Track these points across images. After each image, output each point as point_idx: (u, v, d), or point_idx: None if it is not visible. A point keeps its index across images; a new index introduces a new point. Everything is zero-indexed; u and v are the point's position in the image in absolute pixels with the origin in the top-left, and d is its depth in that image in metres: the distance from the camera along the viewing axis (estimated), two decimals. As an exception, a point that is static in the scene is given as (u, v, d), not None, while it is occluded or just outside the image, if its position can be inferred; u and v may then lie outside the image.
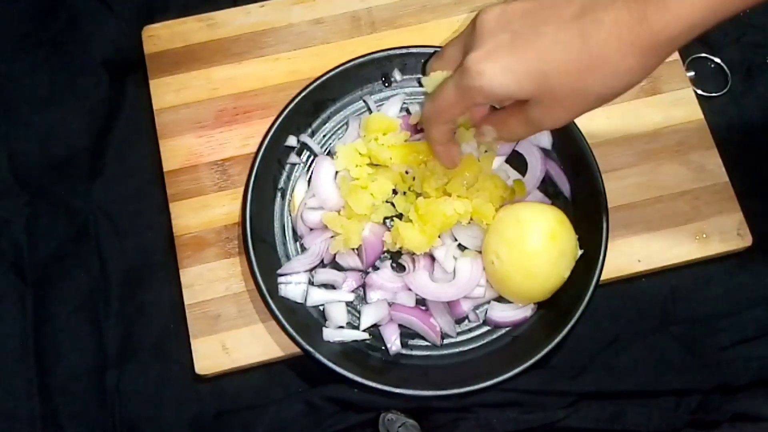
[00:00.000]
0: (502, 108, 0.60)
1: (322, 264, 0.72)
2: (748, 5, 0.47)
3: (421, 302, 0.71)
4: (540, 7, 0.51)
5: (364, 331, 0.70)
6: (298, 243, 0.73)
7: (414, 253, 0.70)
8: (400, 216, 0.72)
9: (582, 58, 0.49)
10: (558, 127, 0.56)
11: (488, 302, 0.72)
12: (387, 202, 0.72)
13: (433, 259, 0.71)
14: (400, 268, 0.72)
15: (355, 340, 0.70)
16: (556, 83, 0.50)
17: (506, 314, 0.71)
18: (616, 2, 0.48)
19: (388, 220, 0.73)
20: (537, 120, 0.54)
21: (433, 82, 0.64)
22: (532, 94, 0.52)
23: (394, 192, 0.73)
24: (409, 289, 0.70)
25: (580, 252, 0.69)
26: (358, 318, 0.70)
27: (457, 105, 0.56)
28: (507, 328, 0.71)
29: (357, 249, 0.71)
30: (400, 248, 0.70)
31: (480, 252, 0.70)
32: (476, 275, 0.70)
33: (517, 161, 0.75)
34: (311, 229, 0.73)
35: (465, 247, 0.72)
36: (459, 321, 0.71)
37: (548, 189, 0.75)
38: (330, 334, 0.69)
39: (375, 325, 0.70)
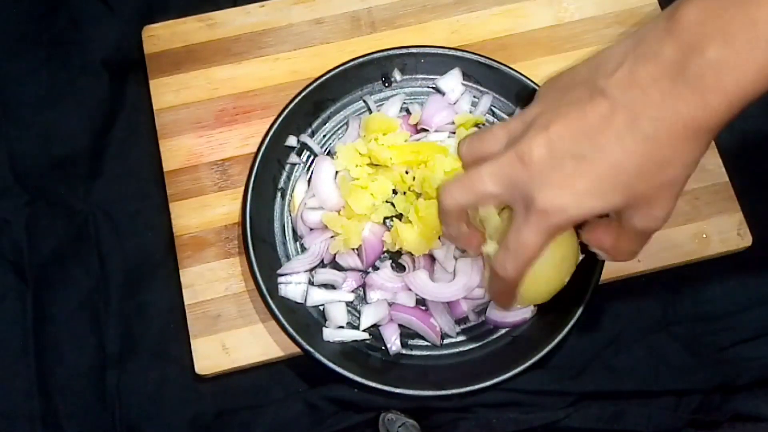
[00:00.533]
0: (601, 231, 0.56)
1: (322, 264, 0.72)
2: None
3: (421, 302, 0.71)
4: (586, 126, 0.48)
5: (364, 331, 0.70)
6: (298, 243, 0.73)
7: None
8: (400, 216, 0.72)
9: (655, 157, 0.47)
10: (661, 225, 0.53)
11: (488, 303, 0.72)
12: (387, 202, 0.72)
13: (433, 259, 0.71)
14: (400, 268, 0.72)
15: (355, 340, 0.70)
16: (641, 186, 0.49)
17: (506, 314, 0.70)
18: (667, 98, 0.46)
19: (387, 220, 0.73)
20: (643, 226, 0.52)
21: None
22: (622, 203, 0.49)
23: (394, 192, 0.73)
24: (409, 289, 0.70)
25: (581, 257, 0.69)
26: (358, 318, 0.70)
27: (543, 243, 0.52)
28: (507, 329, 0.71)
29: (357, 249, 0.71)
30: (400, 248, 0.70)
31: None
32: (476, 276, 0.70)
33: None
34: (311, 229, 0.73)
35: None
36: (459, 321, 0.71)
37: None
38: (330, 334, 0.69)
39: (375, 325, 0.70)
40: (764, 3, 0.43)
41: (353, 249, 0.71)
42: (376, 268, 0.72)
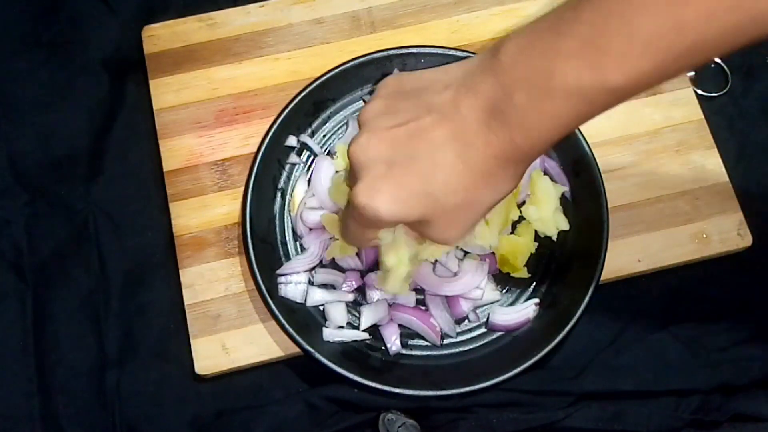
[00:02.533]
0: None
1: (321, 264, 0.72)
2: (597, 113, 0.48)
3: (421, 302, 0.71)
4: (406, 131, 0.50)
5: (364, 331, 0.70)
6: (298, 243, 0.73)
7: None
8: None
9: (466, 177, 0.49)
10: (454, 243, 0.55)
11: (488, 304, 0.72)
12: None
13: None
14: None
15: (355, 340, 0.70)
16: (446, 202, 0.50)
17: (508, 317, 0.70)
18: (482, 127, 0.48)
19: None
20: (435, 237, 0.53)
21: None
22: (424, 215, 0.51)
23: None
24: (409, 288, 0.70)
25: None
26: (358, 318, 0.70)
27: (366, 232, 0.56)
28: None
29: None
30: None
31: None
32: (479, 277, 0.70)
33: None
34: (310, 229, 0.73)
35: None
36: (459, 321, 0.72)
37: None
38: (330, 334, 0.69)
39: (375, 325, 0.70)
40: (562, 57, 0.44)
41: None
42: (376, 268, 0.72)
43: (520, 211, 0.72)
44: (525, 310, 0.71)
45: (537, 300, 0.71)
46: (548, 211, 0.72)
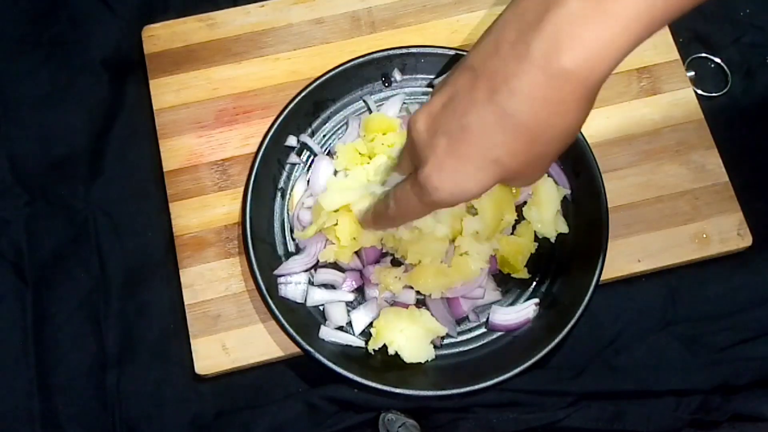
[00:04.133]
0: None
1: (321, 264, 0.72)
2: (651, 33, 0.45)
3: (421, 302, 0.71)
4: (452, 98, 0.48)
5: (360, 335, 0.70)
6: (297, 243, 0.73)
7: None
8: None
9: (521, 133, 0.45)
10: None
11: (488, 304, 0.72)
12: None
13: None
14: (398, 264, 0.72)
15: (350, 345, 0.70)
16: (512, 163, 0.47)
17: (509, 317, 0.70)
18: (520, 67, 0.44)
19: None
20: (520, 186, 0.52)
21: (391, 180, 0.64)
22: (497, 181, 0.49)
23: None
24: (410, 287, 0.70)
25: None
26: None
27: (423, 213, 0.55)
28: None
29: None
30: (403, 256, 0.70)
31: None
32: (480, 279, 0.70)
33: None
34: (309, 229, 0.73)
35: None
36: (459, 321, 0.71)
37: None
38: (326, 333, 0.69)
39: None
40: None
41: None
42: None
43: (522, 212, 0.72)
44: (525, 310, 0.71)
45: (537, 300, 0.71)
46: (549, 213, 0.72)
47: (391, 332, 0.68)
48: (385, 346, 0.69)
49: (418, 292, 0.70)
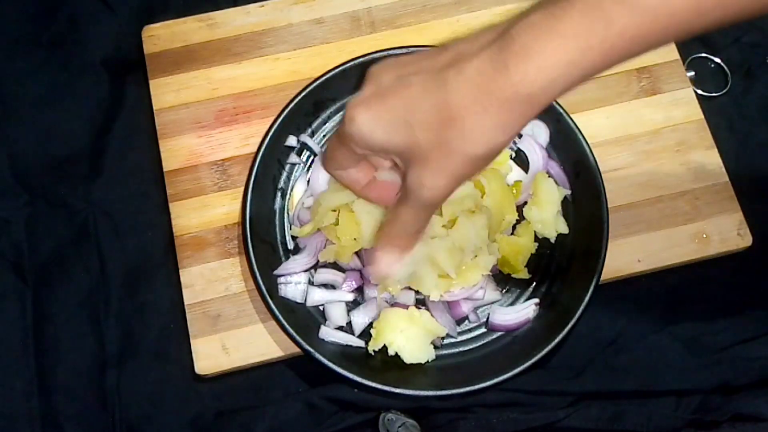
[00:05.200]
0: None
1: (321, 264, 0.72)
2: (612, 64, 0.46)
3: (421, 303, 0.71)
4: (419, 58, 0.51)
5: (360, 336, 0.70)
6: (297, 243, 0.73)
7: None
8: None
9: (442, 110, 0.47)
10: (436, 199, 0.52)
11: (488, 304, 0.72)
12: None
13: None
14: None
15: (350, 345, 0.70)
16: (420, 137, 0.49)
17: (509, 317, 0.70)
18: (481, 52, 0.46)
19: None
20: (415, 189, 0.51)
21: None
22: (400, 147, 0.50)
23: None
24: (410, 288, 0.70)
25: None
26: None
27: (341, 150, 0.55)
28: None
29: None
30: None
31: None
32: (481, 281, 0.70)
33: (518, 158, 0.75)
34: (309, 229, 0.73)
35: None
36: (459, 321, 0.71)
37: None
38: (326, 333, 0.69)
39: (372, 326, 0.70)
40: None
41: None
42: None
43: (522, 212, 0.72)
44: (525, 310, 0.71)
45: (537, 300, 0.71)
46: (550, 213, 0.72)
47: (391, 333, 0.68)
48: (385, 347, 0.68)
49: (417, 292, 0.70)
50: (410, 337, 0.68)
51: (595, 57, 0.45)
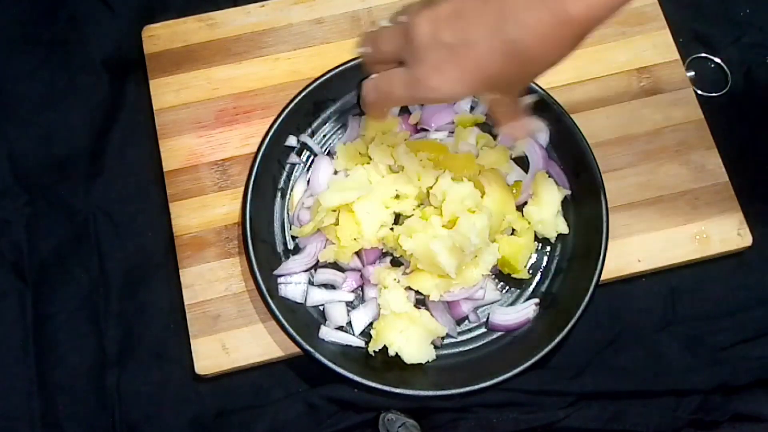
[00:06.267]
0: None
1: (321, 264, 0.72)
2: None
3: (421, 302, 0.71)
4: (460, 12, 0.53)
5: (360, 335, 0.70)
6: (297, 243, 0.73)
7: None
8: (397, 218, 0.72)
9: (518, 58, 0.51)
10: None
11: (488, 304, 0.72)
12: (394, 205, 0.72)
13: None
14: (398, 264, 0.72)
15: (350, 345, 0.70)
16: (501, 80, 0.54)
17: (509, 317, 0.70)
18: (532, 3, 0.50)
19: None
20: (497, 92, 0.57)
21: None
22: (486, 90, 0.56)
23: (396, 197, 0.72)
24: (409, 288, 0.70)
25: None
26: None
27: (405, 102, 0.62)
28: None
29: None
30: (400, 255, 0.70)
31: None
32: (481, 282, 0.70)
33: (518, 158, 0.75)
34: (309, 229, 0.73)
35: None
36: (459, 321, 0.71)
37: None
38: (326, 333, 0.69)
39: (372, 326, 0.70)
40: None
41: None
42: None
43: (522, 212, 0.72)
44: (525, 310, 0.71)
45: (537, 300, 0.71)
46: (550, 213, 0.72)
47: (391, 333, 0.68)
48: (385, 347, 0.68)
49: (417, 292, 0.70)
50: (410, 338, 0.68)
51: None
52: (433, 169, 0.71)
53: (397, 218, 0.72)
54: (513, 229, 0.73)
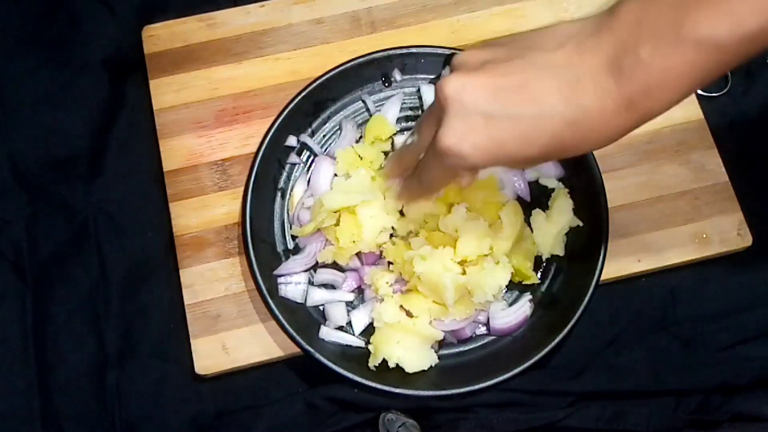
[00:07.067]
0: None
1: (321, 264, 0.72)
2: (722, 73, 0.47)
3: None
4: (510, 84, 0.49)
5: (360, 335, 0.70)
6: (297, 243, 0.73)
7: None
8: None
9: (562, 143, 0.49)
10: None
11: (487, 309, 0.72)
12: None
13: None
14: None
15: (350, 345, 0.70)
16: (536, 160, 0.51)
17: (508, 319, 0.70)
18: (597, 86, 0.47)
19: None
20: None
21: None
22: (518, 163, 0.54)
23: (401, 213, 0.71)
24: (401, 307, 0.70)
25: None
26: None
27: (447, 180, 0.57)
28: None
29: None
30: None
31: None
32: (473, 312, 0.70)
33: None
34: (309, 229, 0.73)
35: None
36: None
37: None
38: (326, 333, 0.69)
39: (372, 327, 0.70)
40: (693, 6, 0.44)
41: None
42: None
43: (528, 222, 0.72)
44: (521, 309, 0.70)
45: (530, 296, 0.71)
46: (554, 229, 0.71)
47: (388, 346, 0.67)
48: (385, 361, 0.68)
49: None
50: (408, 347, 0.68)
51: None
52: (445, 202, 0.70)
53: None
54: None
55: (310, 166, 0.75)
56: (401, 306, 0.69)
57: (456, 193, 0.70)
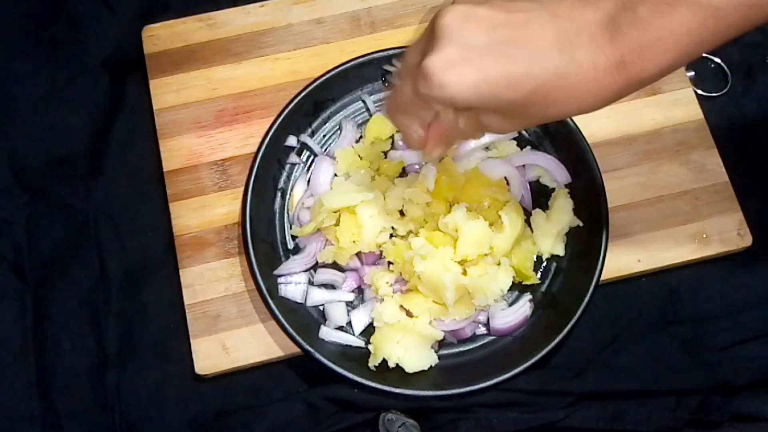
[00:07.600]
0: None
1: (321, 264, 0.72)
2: (717, 44, 0.47)
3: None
4: (508, 23, 0.48)
5: (360, 335, 0.70)
6: (297, 243, 0.73)
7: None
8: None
9: (552, 93, 0.48)
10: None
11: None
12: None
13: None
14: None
15: (350, 345, 0.70)
16: (524, 108, 0.49)
17: (508, 320, 0.70)
18: (593, 40, 0.46)
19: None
20: (489, 127, 0.52)
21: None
22: (493, 109, 0.50)
23: (401, 213, 0.72)
24: (401, 306, 0.70)
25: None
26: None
27: (415, 106, 0.54)
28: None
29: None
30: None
31: None
32: (473, 312, 0.70)
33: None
34: (309, 229, 0.73)
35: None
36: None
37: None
38: (326, 333, 0.69)
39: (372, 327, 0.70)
40: None
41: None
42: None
43: (528, 223, 0.72)
44: (521, 309, 0.70)
45: (530, 296, 0.71)
46: (554, 229, 0.71)
47: (388, 346, 0.67)
48: (385, 361, 0.68)
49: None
50: (408, 347, 0.68)
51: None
52: (444, 203, 0.70)
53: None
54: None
55: (310, 166, 0.75)
56: (401, 306, 0.69)
57: (459, 191, 0.70)
